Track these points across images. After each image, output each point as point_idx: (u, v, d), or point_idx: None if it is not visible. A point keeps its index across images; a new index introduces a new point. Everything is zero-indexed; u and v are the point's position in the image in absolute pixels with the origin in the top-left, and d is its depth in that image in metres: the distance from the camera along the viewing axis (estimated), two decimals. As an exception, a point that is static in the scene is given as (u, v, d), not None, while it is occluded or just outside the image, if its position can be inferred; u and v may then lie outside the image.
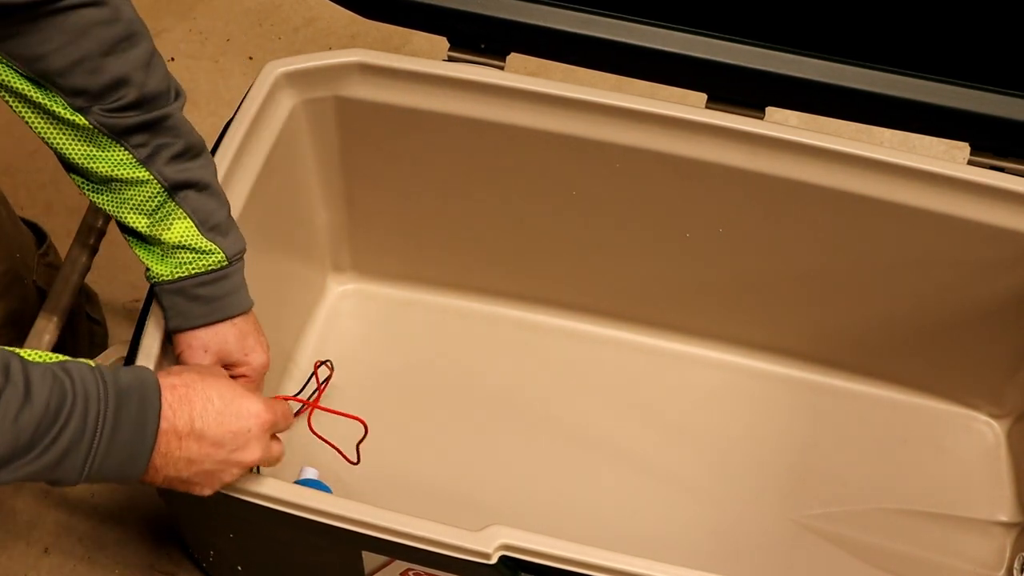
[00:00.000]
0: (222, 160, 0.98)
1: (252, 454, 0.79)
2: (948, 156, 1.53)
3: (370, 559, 0.87)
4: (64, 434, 0.68)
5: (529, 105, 1.06)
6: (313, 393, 1.20)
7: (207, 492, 0.80)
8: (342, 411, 0.95)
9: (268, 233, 1.08)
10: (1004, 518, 1.16)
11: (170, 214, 0.85)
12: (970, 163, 1.06)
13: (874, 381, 1.25)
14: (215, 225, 0.87)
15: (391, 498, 1.10)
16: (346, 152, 1.15)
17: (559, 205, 1.15)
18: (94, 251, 1.06)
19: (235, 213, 0.97)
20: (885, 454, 1.21)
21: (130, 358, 0.88)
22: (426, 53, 1.61)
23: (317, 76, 1.07)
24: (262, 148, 1.03)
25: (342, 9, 1.11)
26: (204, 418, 0.76)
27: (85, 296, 1.28)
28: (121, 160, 0.82)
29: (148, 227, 0.85)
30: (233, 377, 0.89)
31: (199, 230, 0.86)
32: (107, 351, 0.94)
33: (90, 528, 1.21)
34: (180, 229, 0.85)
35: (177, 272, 0.86)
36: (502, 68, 1.09)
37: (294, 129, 1.09)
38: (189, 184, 0.85)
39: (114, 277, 1.42)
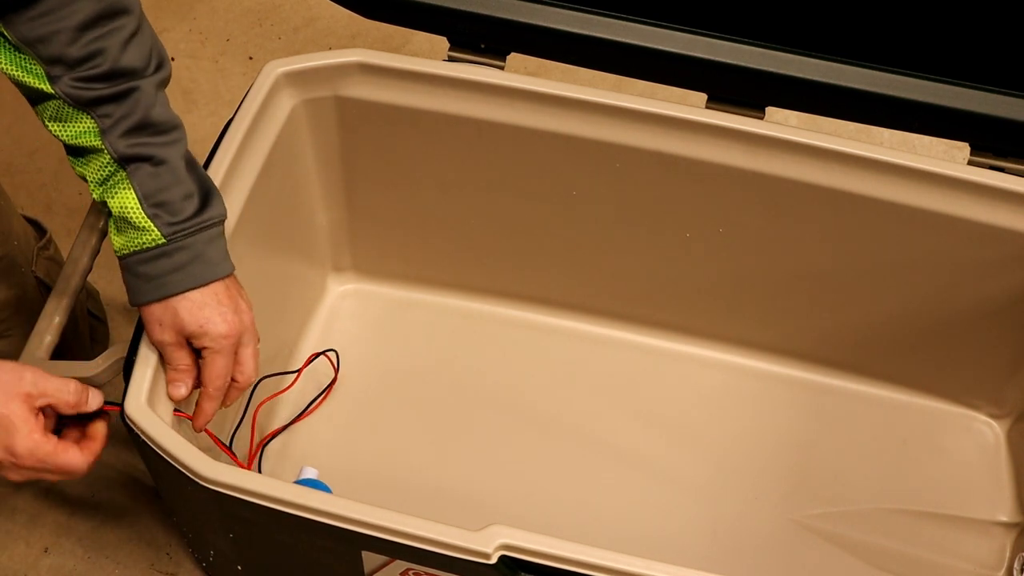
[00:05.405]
0: (222, 160, 0.98)
1: (10, 475, 0.83)
2: (948, 156, 1.53)
3: (370, 559, 0.88)
4: None
5: (529, 105, 1.06)
6: (318, 397, 1.20)
7: None
8: (222, 441, 0.97)
9: (268, 233, 1.08)
10: (1004, 518, 1.16)
11: (117, 184, 0.85)
12: (970, 163, 1.06)
13: (874, 381, 1.25)
14: (162, 202, 0.85)
15: (391, 498, 1.10)
16: (346, 152, 1.15)
17: (559, 205, 1.15)
18: (95, 251, 1.06)
19: (234, 213, 0.98)
20: (885, 454, 1.21)
21: (130, 357, 0.88)
22: (426, 53, 1.61)
23: (317, 76, 1.07)
24: (262, 148, 1.03)
25: (342, 9, 1.11)
26: None
27: (86, 292, 1.28)
28: (85, 129, 0.83)
29: (100, 195, 0.86)
30: (202, 350, 0.89)
31: (141, 205, 0.84)
32: (107, 351, 0.94)
33: (90, 528, 1.21)
34: (120, 199, 0.85)
35: (124, 248, 0.86)
36: (502, 68, 1.09)
37: (294, 129, 1.09)
38: (142, 158, 0.84)
39: (115, 277, 1.41)
